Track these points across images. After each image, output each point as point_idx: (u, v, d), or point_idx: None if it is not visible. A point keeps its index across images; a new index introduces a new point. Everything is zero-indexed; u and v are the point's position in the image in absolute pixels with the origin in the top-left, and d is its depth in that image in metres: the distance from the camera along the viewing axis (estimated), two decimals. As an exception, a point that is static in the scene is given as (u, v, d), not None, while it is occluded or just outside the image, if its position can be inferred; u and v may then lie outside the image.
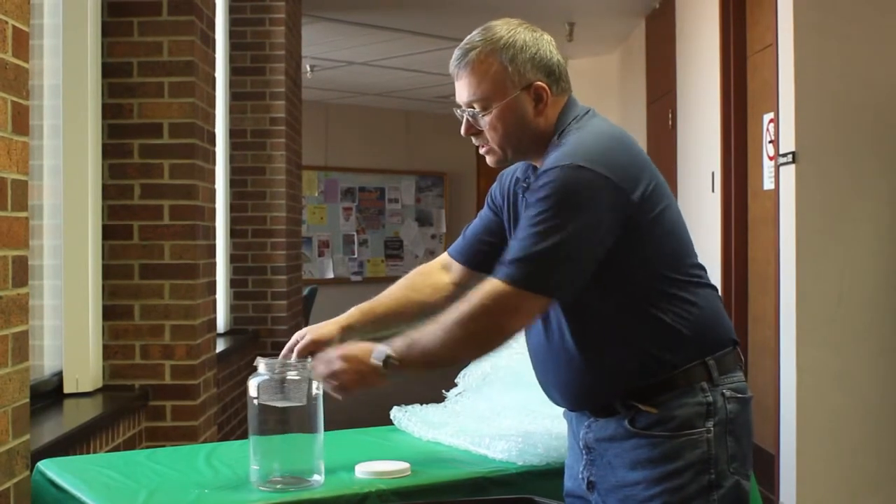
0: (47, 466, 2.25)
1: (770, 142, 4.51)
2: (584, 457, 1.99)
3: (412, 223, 12.69)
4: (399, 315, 2.22)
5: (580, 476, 2.00)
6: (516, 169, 2.12)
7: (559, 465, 2.19)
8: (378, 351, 1.91)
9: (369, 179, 12.31)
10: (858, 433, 4.08)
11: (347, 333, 2.14)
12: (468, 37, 1.98)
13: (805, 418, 4.06)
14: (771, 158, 4.47)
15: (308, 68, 9.01)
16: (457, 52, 1.97)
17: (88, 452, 2.98)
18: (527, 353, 2.66)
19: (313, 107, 10.67)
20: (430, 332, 1.89)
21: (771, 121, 4.49)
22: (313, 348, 2.09)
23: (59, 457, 2.49)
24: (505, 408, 2.52)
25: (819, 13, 4.10)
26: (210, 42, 3.85)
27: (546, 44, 1.96)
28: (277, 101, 5.70)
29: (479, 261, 2.21)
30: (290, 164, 5.94)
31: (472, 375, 2.71)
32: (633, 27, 7.82)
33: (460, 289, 2.24)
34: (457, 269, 2.25)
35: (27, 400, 2.26)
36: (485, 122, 1.94)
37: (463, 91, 1.96)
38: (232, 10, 5.67)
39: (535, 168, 1.99)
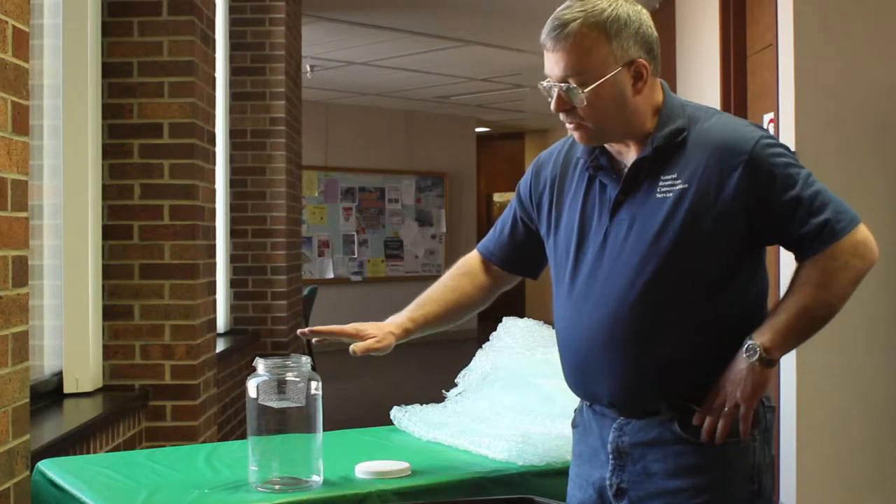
0: (47, 466, 2.25)
1: (770, 142, 4.51)
2: (612, 462, 1.89)
3: (412, 223, 12.69)
4: (448, 321, 2.21)
5: (607, 483, 1.90)
6: (562, 153, 2.03)
7: (559, 465, 2.19)
8: (750, 351, 1.79)
9: (369, 179, 12.32)
10: (858, 433, 4.08)
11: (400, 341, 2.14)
12: (563, 7, 1.83)
13: (805, 418, 4.06)
14: (771, 158, 4.47)
15: (308, 68, 9.01)
16: (552, 23, 1.82)
17: (88, 452, 2.98)
18: (526, 354, 2.67)
19: (313, 107, 10.67)
20: (797, 312, 1.81)
21: (771, 121, 4.49)
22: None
23: (59, 457, 2.49)
24: (505, 408, 2.52)
25: (819, 13, 4.10)
26: (210, 42, 3.85)
27: (646, 18, 1.84)
28: (277, 101, 5.70)
29: (515, 264, 2.18)
30: (290, 164, 5.94)
31: (472, 375, 2.71)
32: (633, 27, 7.80)
33: (497, 287, 2.23)
34: (494, 268, 2.21)
35: (27, 400, 2.26)
36: (580, 98, 1.81)
37: (557, 65, 1.82)
38: (232, 10, 5.67)
39: (603, 147, 1.92)
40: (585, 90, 1.80)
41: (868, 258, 1.82)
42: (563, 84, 1.82)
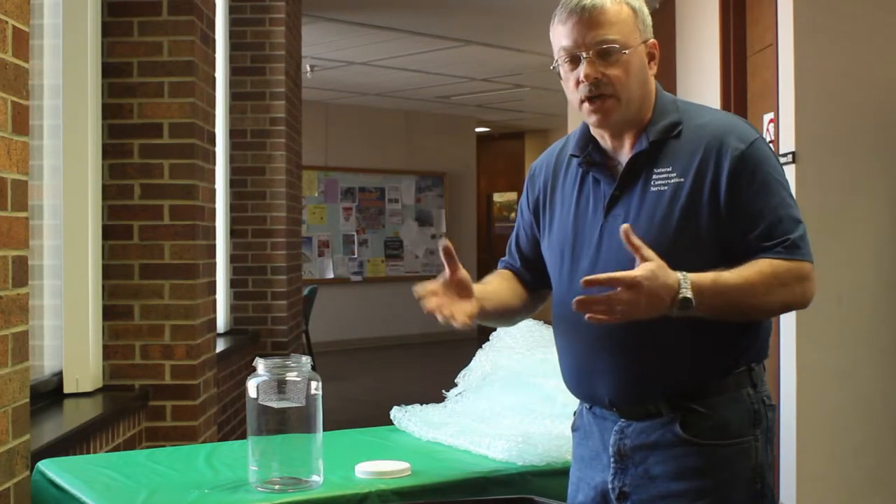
0: (47, 466, 2.25)
1: (770, 142, 4.52)
2: (613, 465, 1.88)
3: (412, 223, 12.69)
4: (499, 316, 2.07)
5: (609, 486, 1.89)
6: (553, 155, 2.04)
7: (559, 465, 2.19)
8: (684, 292, 1.69)
9: (369, 179, 12.32)
10: (858, 433, 4.08)
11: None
12: None
13: (805, 418, 4.06)
14: (771, 158, 4.47)
15: (308, 68, 9.01)
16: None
17: (88, 452, 2.98)
18: (526, 354, 2.67)
19: (313, 107, 10.67)
20: (740, 283, 1.73)
21: (771, 121, 4.48)
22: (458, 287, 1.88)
23: (59, 457, 2.49)
24: (505, 408, 2.52)
25: (819, 13, 4.10)
26: (210, 42, 3.85)
27: None
28: (277, 101, 5.70)
29: (531, 278, 2.10)
30: (290, 164, 5.94)
31: (473, 375, 2.71)
32: (633, 27, 7.80)
33: (531, 298, 2.13)
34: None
35: (27, 400, 2.26)
36: (612, 66, 1.83)
37: (589, 32, 1.83)
38: (232, 10, 5.67)
39: (595, 143, 1.93)
40: (625, 50, 1.83)
41: (809, 297, 1.80)
42: (591, 51, 1.82)
